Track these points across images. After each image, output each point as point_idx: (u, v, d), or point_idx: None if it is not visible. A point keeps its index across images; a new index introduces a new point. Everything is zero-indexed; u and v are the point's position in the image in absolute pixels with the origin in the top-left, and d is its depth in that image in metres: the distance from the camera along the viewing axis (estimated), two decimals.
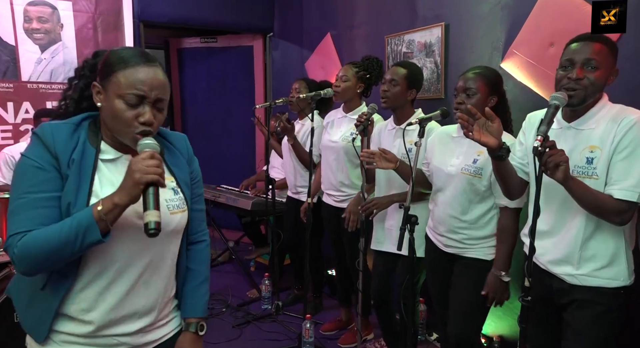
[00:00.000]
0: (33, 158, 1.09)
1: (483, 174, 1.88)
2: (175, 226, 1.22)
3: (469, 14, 2.68)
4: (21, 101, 3.59)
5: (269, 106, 3.36)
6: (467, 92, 1.91)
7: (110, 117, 1.12)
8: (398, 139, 2.31)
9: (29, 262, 1.05)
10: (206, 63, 5.11)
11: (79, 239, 1.02)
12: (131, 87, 1.09)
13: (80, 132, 1.15)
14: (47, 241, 1.02)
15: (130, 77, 1.10)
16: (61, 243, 1.02)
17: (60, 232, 1.02)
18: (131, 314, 1.19)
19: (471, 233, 1.94)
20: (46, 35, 3.64)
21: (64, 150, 1.11)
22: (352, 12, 3.63)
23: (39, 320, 1.15)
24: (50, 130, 1.12)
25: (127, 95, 1.09)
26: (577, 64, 1.48)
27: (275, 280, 3.42)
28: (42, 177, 1.08)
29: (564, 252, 1.54)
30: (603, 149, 1.46)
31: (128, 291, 1.17)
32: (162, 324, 1.29)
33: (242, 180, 4.09)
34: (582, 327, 1.52)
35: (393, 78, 2.30)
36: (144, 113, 1.11)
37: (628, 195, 1.41)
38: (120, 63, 1.11)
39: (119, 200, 1.03)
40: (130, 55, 1.13)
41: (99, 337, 1.17)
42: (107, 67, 1.13)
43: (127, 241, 1.14)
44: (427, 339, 2.89)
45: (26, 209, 1.06)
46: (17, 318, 2.27)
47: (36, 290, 1.14)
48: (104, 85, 1.12)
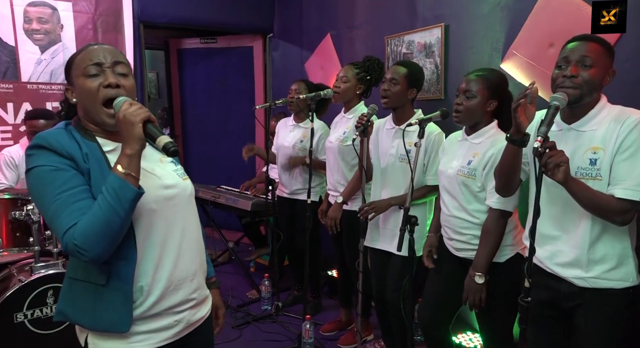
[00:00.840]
0: (47, 164, 1.12)
1: (476, 174, 1.89)
2: (190, 190, 1.34)
3: (469, 15, 2.68)
4: (21, 102, 3.59)
5: (269, 107, 3.35)
6: (467, 94, 1.91)
7: (82, 100, 1.19)
8: (397, 139, 2.31)
9: (93, 245, 1.07)
10: (206, 63, 5.11)
11: (119, 201, 1.07)
12: (86, 60, 1.18)
13: (72, 134, 1.20)
14: (96, 218, 1.07)
15: (84, 55, 1.19)
16: (108, 213, 1.06)
17: (101, 206, 1.07)
18: (182, 281, 1.27)
19: (476, 233, 1.93)
20: (46, 36, 3.64)
21: (73, 149, 1.15)
22: (352, 12, 3.63)
23: (115, 311, 1.17)
24: (51, 136, 1.15)
25: (85, 69, 1.17)
26: (572, 62, 1.48)
27: (275, 280, 3.42)
28: (65, 176, 1.12)
29: (572, 256, 1.54)
30: (606, 150, 1.46)
31: (175, 259, 1.25)
32: (204, 299, 1.39)
33: (242, 181, 4.08)
34: (594, 329, 1.52)
35: (393, 77, 2.30)
36: (106, 77, 1.18)
37: (630, 195, 1.40)
38: (75, 54, 1.22)
39: (130, 149, 1.09)
40: (83, 47, 1.24)
41: (162, 315, 1.24)
42: (67, 65, 1.23)
43: (160, 212, 1.22)
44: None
45: (66, 206, 1.09)
46: (17, 319, 2.27)
47: (100, 291, 1.17)
48: (70, 80, 1.21)
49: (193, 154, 5.26)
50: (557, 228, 1.58)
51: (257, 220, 4.10)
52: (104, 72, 1.18)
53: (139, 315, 1.20)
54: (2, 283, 2.40)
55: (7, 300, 2.24)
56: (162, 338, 1.25)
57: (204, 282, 1.40)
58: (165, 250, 1.23)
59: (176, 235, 1.26)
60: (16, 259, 2.59)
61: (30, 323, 2.30)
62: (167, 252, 1.24)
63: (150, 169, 1.26)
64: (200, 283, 1.36)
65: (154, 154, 1.32)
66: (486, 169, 1.87)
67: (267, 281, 3.40)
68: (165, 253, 1.24)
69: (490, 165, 1.85)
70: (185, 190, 1.31)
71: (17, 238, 2.53)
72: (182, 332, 1.30)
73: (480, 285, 1.84)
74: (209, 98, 5.15)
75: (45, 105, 3.60)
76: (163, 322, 1.25)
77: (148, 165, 1.25)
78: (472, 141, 1.96)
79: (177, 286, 1.26)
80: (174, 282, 1.25)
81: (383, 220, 2.38)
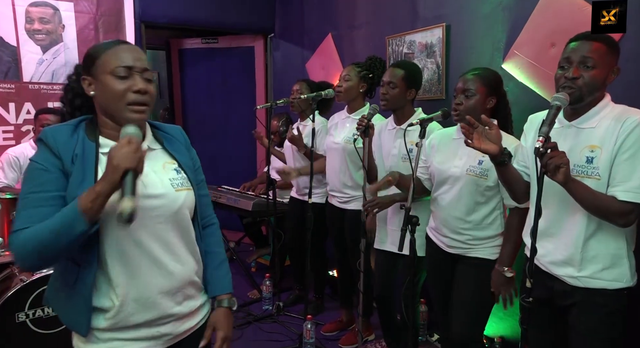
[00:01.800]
0: (38, 161, 1.15)
1: (489, 174, 1.88)
2: (183, 202, 1.25)
3: (470, 15, 2.68)
4: (23, 102, 3.59)
5: (270, 107, 3.36)
6: (466, 93, 1.92)
7: (105, 96, 1.18)
8: (399, 139, 2.31)
9: (26, 257, 1.09)
10: (207, 64, 5.12)
11: (67, 231, 1.05)
12: (117, 60, 1.16)
13: (78, 131, 1.20)
14: (40, 235, 1.06)
15: (115, 54, 1.18)
16: (52, 236, 1.05)
17: (50, 226, 1.06)
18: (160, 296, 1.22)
19: (476, 233, 1.94)
20: (48, 36, 3.64)
21: (66, 148, 1.15)
22: (353, 12, 3.63)
23: (78, 313, 1.17)
24: (51, 132, 1.17)
25: (115, 69, 1.16)
26: (574, 62, 1.48)
27: (276, 280, 3.43)
28: (45, 177, 1.13)
29: (565, 253, 1.54)
30: (604, 149, 1.45)
31: (152, 273, 1.21)
32: (194, 311, 1.33)
33: (243, 181, 4.08)
34: (587, 329, 1.51)
35: (391, 80, 2.30)
36: (135, 82, 1.17)
37: (632, 197, 1.40)
38: (102, 49, 1.20)
39: (100, 188, 1.04)
40: (109, 42, 1.22)
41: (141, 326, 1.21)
42: (90, 57, 1.20)
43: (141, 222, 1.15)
44: (428, 340, 2.88)
45: (27, 208, 1.11)
46: (19, 319, 2.28)
47: (69, 288, 1.17)
48: (92, 73, 1.19)
49: None
50: (552, 225, 1.57)
51: (258, 220, 4.10)
52: (132, 75, 1.17)
53: (115, 324, 1.19)
54: (3, 283, 2.41)
55: (8, 299, 2.25)
56: (143, 346, 1.23)
57: (197, 294, 1.34)
58: (140, 262, 1.19)
59: (154, 247, 1.20)
60: None
61: (31, 323, 2.31)
62: (142, 265, 1.19)
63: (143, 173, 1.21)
64: (188, 297, 1.30)
65: (160, 157, 1.29)
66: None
67: (268, 281, 3.40)
68: (140, 265, 1.19)
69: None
70: (174, 201, 1.23)
71: None
72: (168, 342, 1.28)
73: (510, 279, 1.85)
74: (210, 98, 5.15)
75: (47, 105, 3.60)
76: (142, 333, 1.23)
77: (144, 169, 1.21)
78: None
79: (154, 302, 1.21)
80: (151, 296, 1.21)
81: (390, 222, 2.38)
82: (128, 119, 1.17)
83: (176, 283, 1.26)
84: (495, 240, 1.94)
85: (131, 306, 1.19)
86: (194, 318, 1.34)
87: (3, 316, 2.24)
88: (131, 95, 1.16)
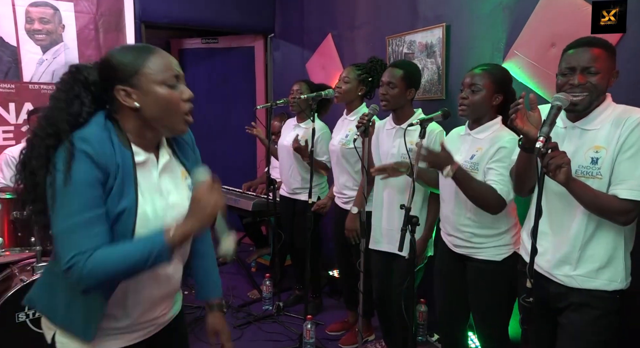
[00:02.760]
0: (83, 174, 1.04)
1: (479, 168, 1.88)
2: None
3: (470, 15, 2.68)
4: (23, 102, 3.60)
5: (270, 107, 3.36)
6: (472, 88, 1.91)
7: (158, 107, 1.13)
8: (398, 139, 2.31)
9: (99, 279, 1.05)
10: (207, 64, 5.12)
11: (150, 260, 1.06)
12: (166, 69, 1.13)
13: (110, 133, 1.12)
14: (122, 261, 1.05)
15: (160, 63, 1.13)
16: (135, 263, 1.06)
17: (134, 253, 1.06)
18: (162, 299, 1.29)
19: (475, 231, 1.93)
20: (48, 36, 3.65)
21: (110, 159, 1.09)
22: (353, 12, 3.63)
23: (85, 320, 1.17)
24: (95, 141, 1.07)
25: (167, 79, 1.13)
26: (577, 70, 1.48)
27: (276, 280, 3.43)
28: (93, 193, 1.06)
29: (563, 252, 1.54)
30: (608, 149, 1.46)
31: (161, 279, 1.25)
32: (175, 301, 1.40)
33: (243, 181, 4.08)
34: (578, 330, 1.52)
35: (390, 81, 2.30)
36: (184, 90, 1.16)
37: (633, 195, 1.40)
38: (139, 57, 1.12)
39: (191, 230, 1.09)
40: (140, 48, 1.16)
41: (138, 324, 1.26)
42: (126, 66, 1.11)
43: None
44: (427, 340, 2.88)
45: (84, 227, 1.04)
46: (19, 319, 2.27)
47: (75, 295, 1.14)
48: (133, 83, 1.11)
49: None
50: (552, 224, 1.58)
51: (258, 220, 4.10)
52: (178, 84, 1.16)
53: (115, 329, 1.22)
54: (4, 283, 2.40)
55: (8, 299, 2.25)
56: (130, 338, 1.26)
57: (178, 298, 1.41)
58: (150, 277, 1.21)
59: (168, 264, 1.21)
60: (18, 259, 2.60)
61: (32, 323, 2.31)
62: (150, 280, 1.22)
63: (166, 191, 1.21)
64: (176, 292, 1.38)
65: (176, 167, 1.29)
66: (489, 164, 1.86)
67: (268, 281, 3.40)
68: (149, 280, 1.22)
69: (492, 160, 1.85)
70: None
71: (19, 238, 2.54)
72: (152, 331, 1.33)
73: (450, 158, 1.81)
74: (210, 98, 5.14)
75: None
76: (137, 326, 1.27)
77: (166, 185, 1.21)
78: (475, 136, 1.96)
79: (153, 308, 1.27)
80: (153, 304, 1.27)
81: (387, 222, 2.38)
82: (182, 129, 1.18)
83: (176, 285, 1.34)
84: (498, 240, 1.92)
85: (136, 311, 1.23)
86: (175, 307, 1.40)
87: (3, 316, 2.24)
88: (185, 104, 1.16)
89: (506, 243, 1.92)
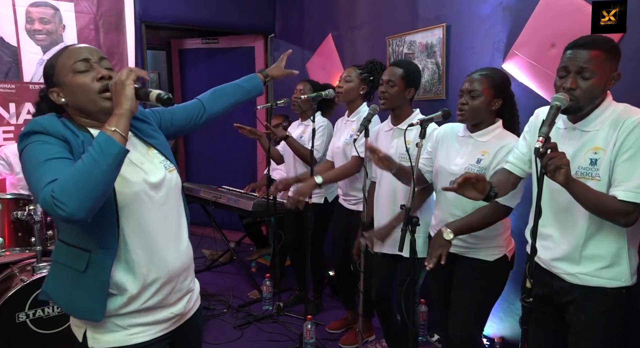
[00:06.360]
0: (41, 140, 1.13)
1: (487, 173, 1.88)
2: (175, 182, 1.36)
3: (471, 15, 2.68)
4: (23, 102, 3.59)
5: (270, 107, 3.36)
6: (472, 94, 1.91)
7: (75, 96, 1.20)
8: (395, 139, 2.31)
9: (71, 195, 1.01)
10: (207, 64, 5.12)
11: (102, 155, 1.05)
12: (72, 58, 1.20)
13: (65, 124, 1.20)
14: (77, 170, 1.04)
15: (67, 55, 1.22)
16: (89, 165, 1.04)
17: (84, 159, 1.06)
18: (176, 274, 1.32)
19: (474, 233, 1.93)
20: (48, 36, 3.64)
21: (66, 133, 1.16)
22: (353, 13, 3.63)
23: (91, 299, 1.19)
24: (45, 121, 1.16)
25: (74, 66, 1.19)
26: (571, 72, 1.47)
27: (277, 280, 3.43)
28: (55, 148, 1.12)
29: (566, 251, 1.54)
30: (606, 151, 1.46)
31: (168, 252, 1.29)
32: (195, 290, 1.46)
33: (243, 181, 4.08)
34: (584, 327, 1.52)
35: (390, 79, 2.30)
36: (97, 72, 1.20)
37: (632, 197, 1.40)
38: (54, 57, 1.23)
39: (119, 109, 1.11)
40: (59, 50, 1.25)
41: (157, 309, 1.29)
42: (48, 69, 1.23)
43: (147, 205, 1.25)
44: (428, 340, 2.88)
45: (51, 167, 1.08)
46: (19, 319, 2.28)
47: (78, 276, 1.19)
48: (55, 81, 1.22)
49: (194, 154, 5.26)
50: (554, 224, 1.58)
51: (258, 220, 4.10)
52: (92, 67, 1.21)
53: (137, 308, 1.24)
54: (4, 283, 2.41)
55: (9, 299, 2.25)
56: (159, 329, 1.31)
57: (193, 273, 1.45)
58: (157, 242, 1.26)
59: (167, 227, 1.30)
60: (18, 259, 2.60)
61: (32, 323, 2.31)
62: (158, 245, 1.26)
63: (139, 161, 1.28)
64: (191, 273, 1.42)
65: (141, 146, 1.34)
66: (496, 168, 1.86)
67: (269, 281, 3.40)
68: (157, 245, 1.26)
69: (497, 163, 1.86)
70: (171, 182, 1.33)
71: (19, 238, 2.54)
72: (177, 322, 1.37)
73: (448, 241, 1.79)
74: None
75: None
76: (159, 316, 1.30)
77: (136, 158, 1.27)
78: (478, 139, 1.95)
79: (170, 279, 1.30)
80: (169, 275, 1.29)
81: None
82: (101, 107, 1.20)
83: (186, 260, 1.37)
84: (493, 241, 1.94)
85: (152, 286, 1.25)
86: (197, 299, 1.46)
87: (3, 316, 2.24)
88: (97, 84, 1.19)
89: (499, 244, 1.93)
